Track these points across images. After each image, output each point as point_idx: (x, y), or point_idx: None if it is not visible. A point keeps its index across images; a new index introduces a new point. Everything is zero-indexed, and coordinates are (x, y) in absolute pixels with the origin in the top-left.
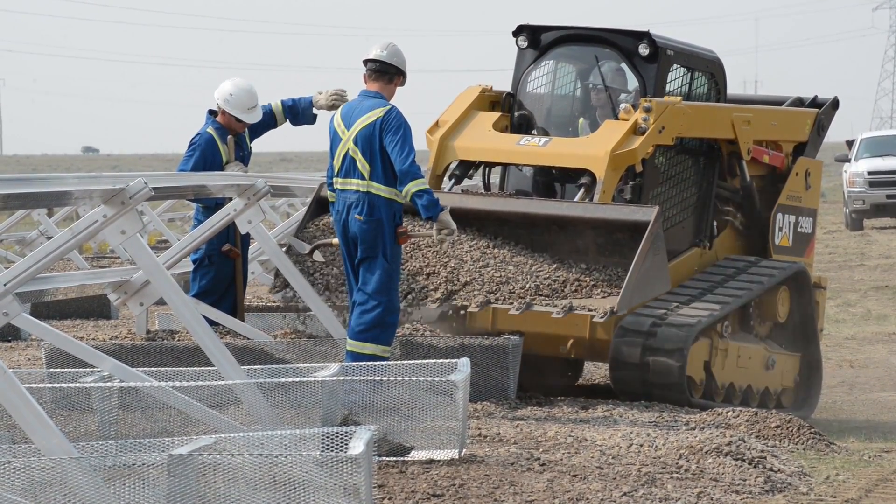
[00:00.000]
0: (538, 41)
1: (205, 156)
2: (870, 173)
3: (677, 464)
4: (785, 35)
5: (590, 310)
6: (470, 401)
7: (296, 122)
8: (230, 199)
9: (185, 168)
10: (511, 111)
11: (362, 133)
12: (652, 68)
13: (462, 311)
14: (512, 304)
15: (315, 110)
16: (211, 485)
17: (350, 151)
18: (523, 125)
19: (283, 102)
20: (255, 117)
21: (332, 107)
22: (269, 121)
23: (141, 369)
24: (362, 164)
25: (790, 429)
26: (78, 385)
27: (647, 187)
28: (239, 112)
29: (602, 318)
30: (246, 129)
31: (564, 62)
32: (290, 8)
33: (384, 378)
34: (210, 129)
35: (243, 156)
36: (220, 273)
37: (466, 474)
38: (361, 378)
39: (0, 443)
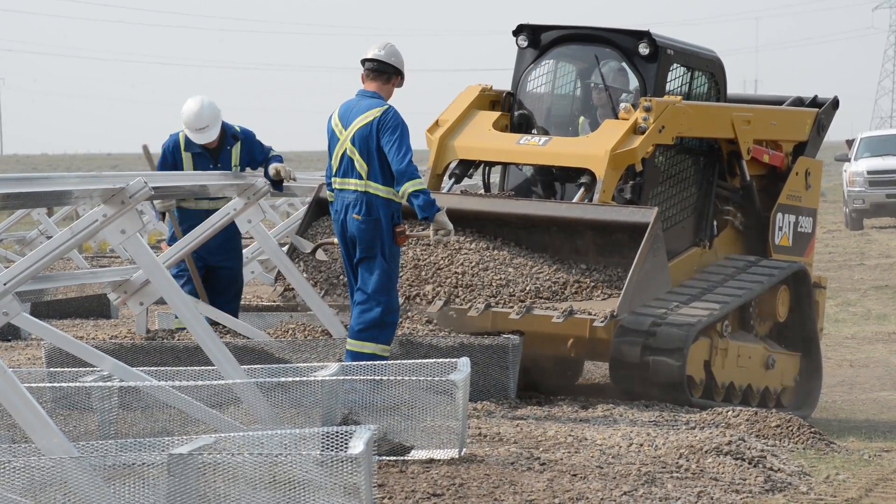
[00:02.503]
0: (538, 41)
1: (164, 156)
2: (870, 172)
3: (677, 463)
4: (785, 35)
5: (590, 314)
6: (470, 400)
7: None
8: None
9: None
10: (511, 110)
11: (359, 133)
12: (652, 68)
13: (463, 317)
14: (512, 307)
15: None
16: (211, 484)
17: (348, 151)
18: (523, 124)
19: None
20: (202, 138)
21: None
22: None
23: (141, 369)
24: (360, 164)
25: (790, 428)
26: (78, 384)
27: (647, 187)
28: (187, 130)
29: (602, 322)
30: (237, 148)
31: (564, 62)
32: (290, 8)
33: (384, 377)
34: (182, 133)
35: (214, 169)
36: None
37: (466, 474)
38: (361, 377)
39: (0, 442)
